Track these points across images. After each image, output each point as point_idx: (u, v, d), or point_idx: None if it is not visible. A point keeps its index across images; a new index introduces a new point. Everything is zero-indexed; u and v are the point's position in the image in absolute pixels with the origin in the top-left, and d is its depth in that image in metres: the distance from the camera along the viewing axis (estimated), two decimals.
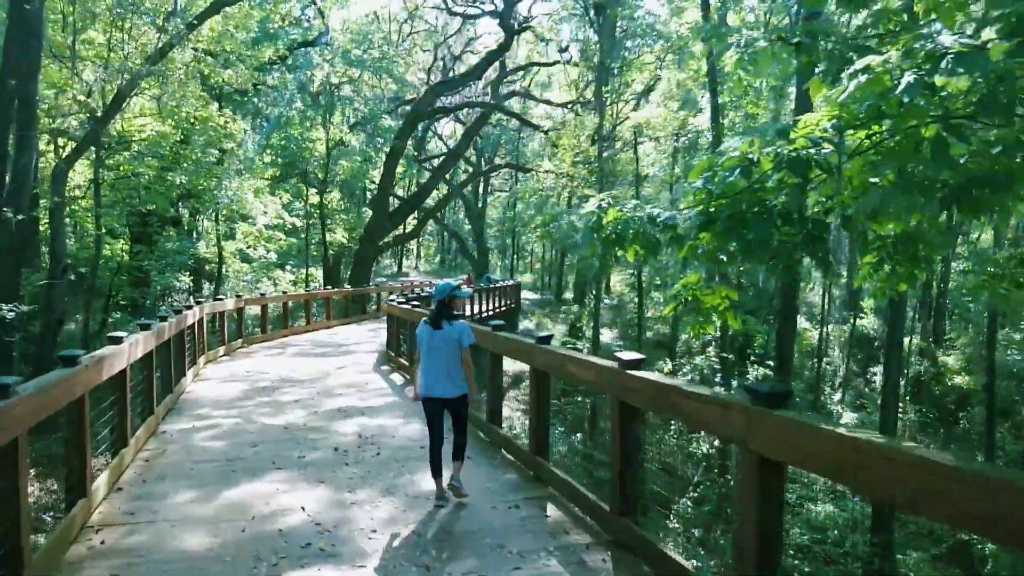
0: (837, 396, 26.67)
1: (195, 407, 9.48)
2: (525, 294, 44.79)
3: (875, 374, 27.81)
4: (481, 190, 56.53)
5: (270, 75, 28.09)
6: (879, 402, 19.42)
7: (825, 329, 28.62)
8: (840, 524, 16.37)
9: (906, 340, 23.71)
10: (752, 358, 23.97)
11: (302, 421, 8.67)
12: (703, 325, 6.11)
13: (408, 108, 36.18)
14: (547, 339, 6.40)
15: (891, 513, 14.56)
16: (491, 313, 26.68)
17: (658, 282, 29.33)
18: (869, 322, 31.94)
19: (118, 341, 6.41)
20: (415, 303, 14.12)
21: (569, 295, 49.01)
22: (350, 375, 12.67)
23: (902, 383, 21.69)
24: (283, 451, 7.19)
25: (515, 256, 61.14)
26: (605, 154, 22.39)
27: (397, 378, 12.37)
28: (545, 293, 49.19)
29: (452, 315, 5.92)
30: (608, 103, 23.24)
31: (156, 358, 8.35)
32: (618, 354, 4.89)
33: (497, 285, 30.04)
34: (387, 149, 33.84)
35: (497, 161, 49.88)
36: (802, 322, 29.71)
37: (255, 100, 28.08)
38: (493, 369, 7.83)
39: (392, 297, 18.24)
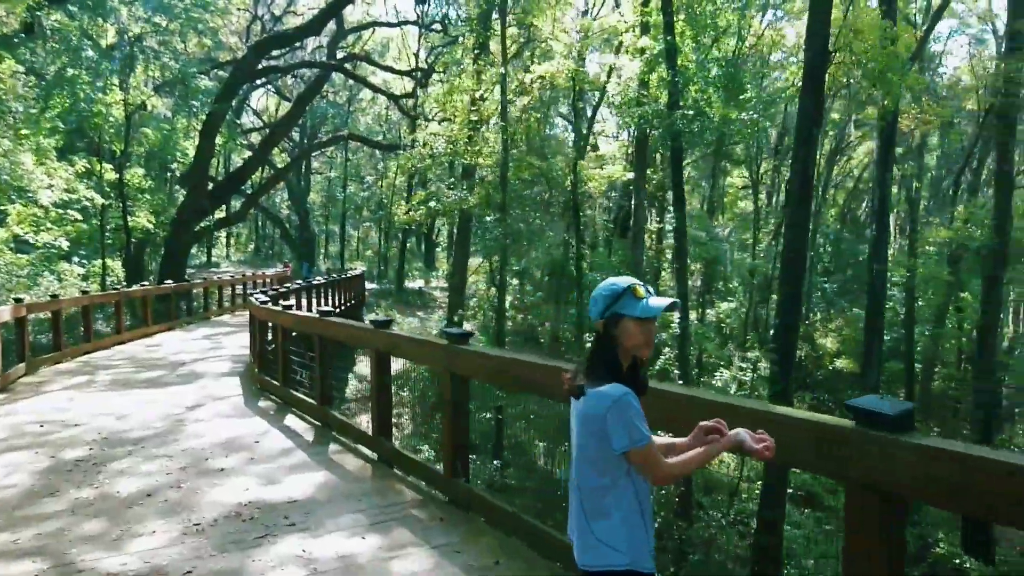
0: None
1: None
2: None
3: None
4: (304, 170, 51.13)
5: (49, 16, 21.99)
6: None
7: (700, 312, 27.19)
8: None
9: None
10: None
11: (185, 564, 4.43)
12: None
13: (225, 72, 30.75)
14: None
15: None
16: (340, 309, 22.69)
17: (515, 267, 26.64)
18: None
19: None
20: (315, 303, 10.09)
21: (415, 284, 45.18)
22: (219, 424, 8.26)
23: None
24: None
25: (343, 243, 56.21)
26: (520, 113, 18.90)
27: (293, 422, 8.33)
28: (383, 283, 45.04)
29: (606, 368, 2.32)
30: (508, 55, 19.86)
31: None
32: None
33: (341, 276, 26.02)
34: (203, 116, 28.31)
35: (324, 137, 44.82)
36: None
37: (30, 46, 21.85)
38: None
39: (257, 295, 13.84)
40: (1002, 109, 18.56)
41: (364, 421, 17.69)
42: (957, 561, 14.96)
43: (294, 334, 10.07)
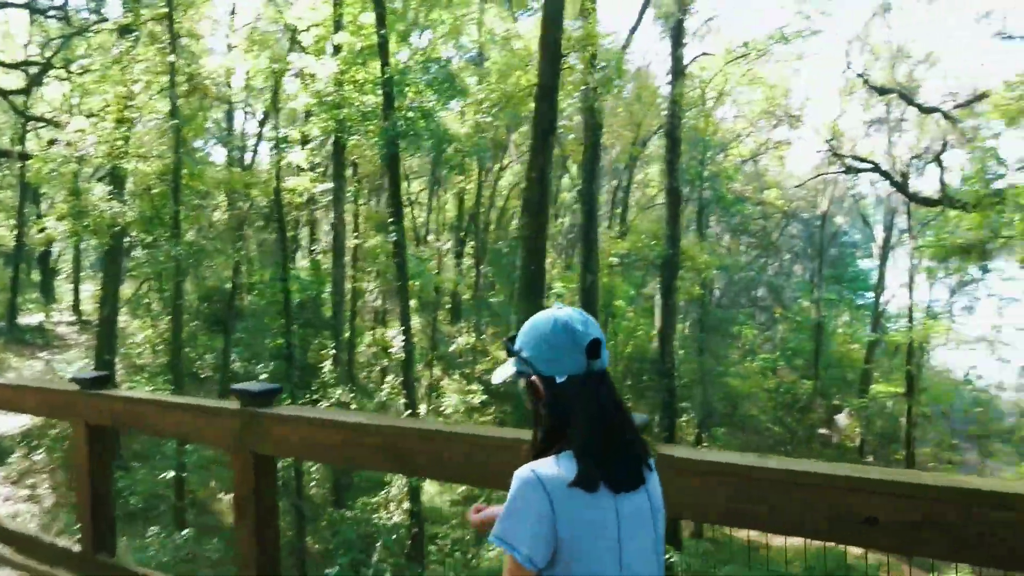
0: None
1: None
2: None
3: None
4: None
5: None
6: None
7: None
8: None
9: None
10: None
11: None
12: None
13: None
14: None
15: None
16: None
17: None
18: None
19: None
20: None
21: (31, 319, 37.11)
22: None
23: None
24: None
25: None
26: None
27: None
28: None
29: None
30: None
31: None
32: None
33: None
34: None
35: None
36: None
37: None
38: None
39: None
40: (668, 130, 20.21)
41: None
42: None
43: None
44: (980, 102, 21.66)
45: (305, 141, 19.11)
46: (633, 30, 17.22)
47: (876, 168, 21.95)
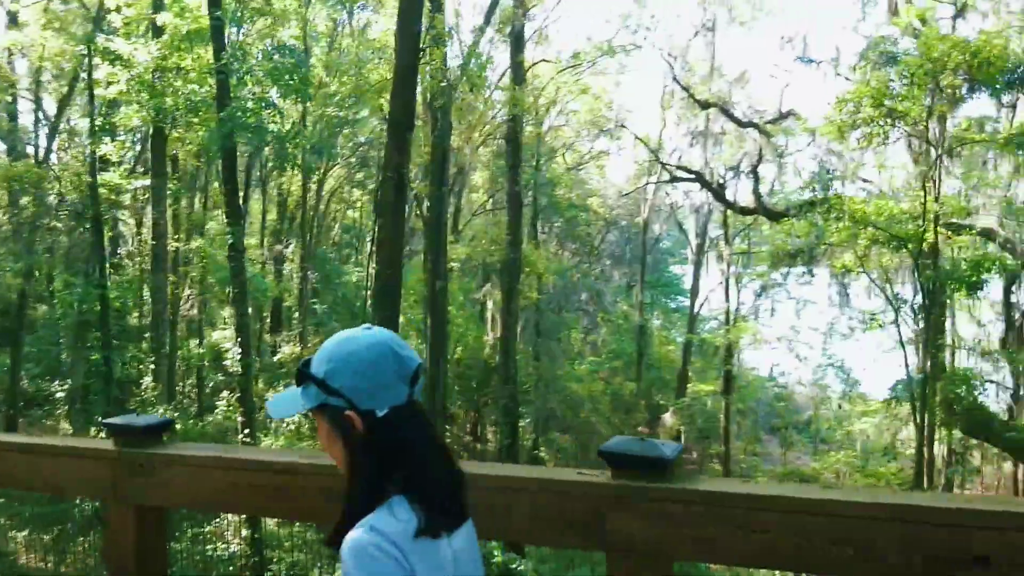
0: None
1: None
2: None
3: None
4: None
5: None
6: None
7: None
8: None
9: None
10: None
11: None
12: None
13: None
14: None
15: None
16: None
17: None
18: None
19: None
20: None
21: None
22: None
23: None
24: None
25: None
26: None
27: None
28: None
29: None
30: None
31: None
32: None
33: None
34: None
35: None
36: None
37: None
38: None
39: None
40: (508, 133, 20.16)
41: None
42: None
43: None
44: (787, 119, 23.63)
45: (112, 132, 17.12)
46: (482, 30, 16.98)
47: (699, 178, 23.16)
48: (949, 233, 13.36)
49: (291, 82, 12.24)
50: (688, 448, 28.52)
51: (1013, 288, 17.02)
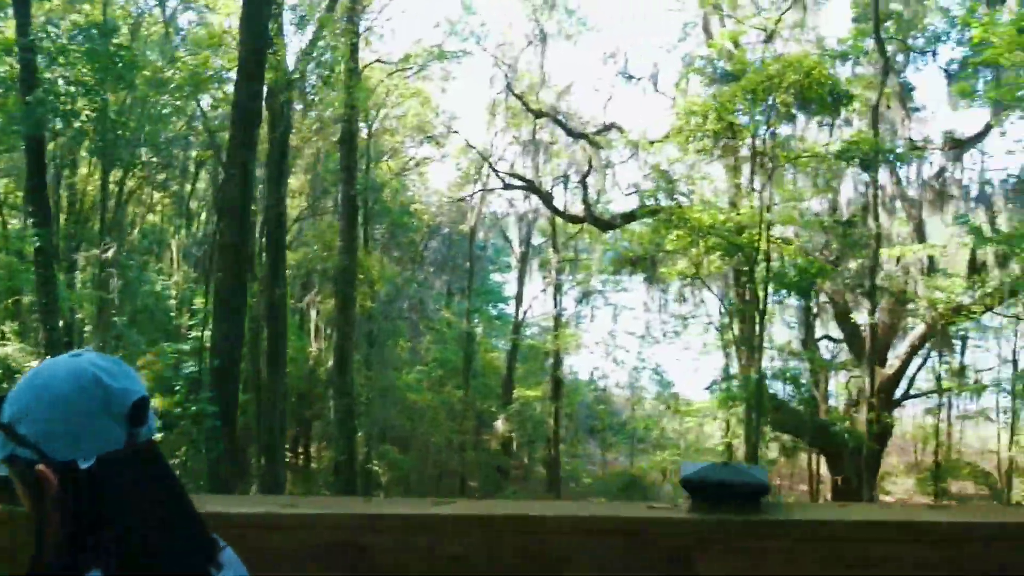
0: None
1: None
2: None
3: None
4: None
5: None
6: None
7: None
8: None
9: None
10: None
11: None
12: None
13: None
14: None
15: None
16: None
17: None
18: None
19: None
20: None
21: None
22: None
23: None
24: None
25: None
26: None
27: None
28: None
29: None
30: None
31: None
32: None
33: None
34: None
35: None
36: None
37: None
38: None
39: None
40: (344, 134, 19.28)
41: None
42: None
43: None
44: (610, 131, 24.51)
45: None
46: (323, 24, 15.98)
47: (530, 186, 23.40)
48: (780, 241, 14.30)
49: (115, 65, 10.69)
50: (519, 454, 28.83)
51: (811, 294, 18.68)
